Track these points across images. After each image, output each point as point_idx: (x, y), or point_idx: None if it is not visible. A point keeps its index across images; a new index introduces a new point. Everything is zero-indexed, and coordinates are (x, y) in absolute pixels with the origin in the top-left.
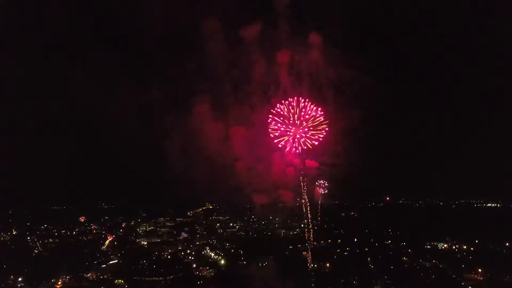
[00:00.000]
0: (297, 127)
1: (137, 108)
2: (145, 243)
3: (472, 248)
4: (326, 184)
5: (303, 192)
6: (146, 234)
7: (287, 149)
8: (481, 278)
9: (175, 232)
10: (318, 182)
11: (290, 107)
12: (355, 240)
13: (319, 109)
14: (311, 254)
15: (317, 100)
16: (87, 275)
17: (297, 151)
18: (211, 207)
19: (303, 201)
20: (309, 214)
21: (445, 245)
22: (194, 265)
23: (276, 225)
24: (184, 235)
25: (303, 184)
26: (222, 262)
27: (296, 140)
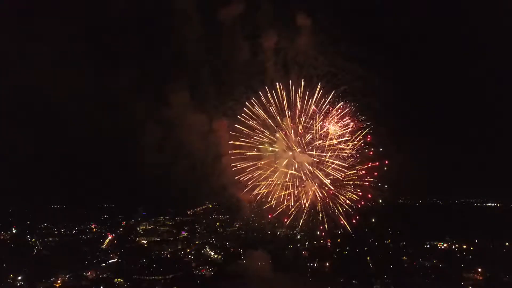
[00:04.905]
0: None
1: (137, 106)
2: (145, 242)
3: (472, 248)
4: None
5: (302, 191)
6: (146, 233)
7: None
8: (481, 278)
9: (175, 231)
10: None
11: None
12: (355, 239)
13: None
14: (311, 253)
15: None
16: (86, 273)
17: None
18: (211, 206)
19: (303, 199)
20: (307, 213)
21: (445, 245)
22: (194, 264)
23: (276, 224)
24: (184, 234)
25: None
26: (222, 261)
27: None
